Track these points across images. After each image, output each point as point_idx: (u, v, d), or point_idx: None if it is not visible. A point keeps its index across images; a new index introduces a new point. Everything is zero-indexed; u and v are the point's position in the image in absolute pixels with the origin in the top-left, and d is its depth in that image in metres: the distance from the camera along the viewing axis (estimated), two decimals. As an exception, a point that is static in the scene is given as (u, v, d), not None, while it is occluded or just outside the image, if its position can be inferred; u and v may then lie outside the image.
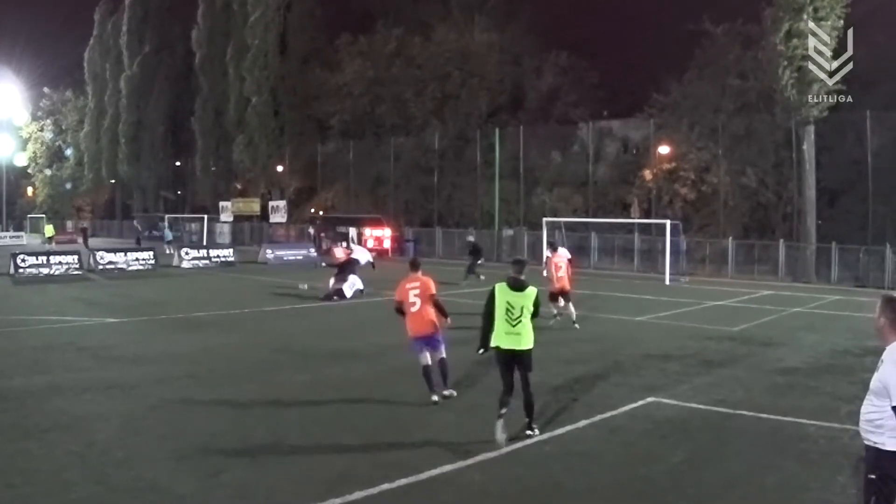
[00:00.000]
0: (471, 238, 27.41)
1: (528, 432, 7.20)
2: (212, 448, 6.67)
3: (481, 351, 7.61)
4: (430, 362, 8.56)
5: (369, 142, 43.10)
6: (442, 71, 40.22)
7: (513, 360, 7.24)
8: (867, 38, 25.19)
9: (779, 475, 6.14)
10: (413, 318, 8.64)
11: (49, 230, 41.18)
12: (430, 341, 8.64)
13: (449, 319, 8.92)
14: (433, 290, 8.76)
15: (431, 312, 8.66)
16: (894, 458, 3.86)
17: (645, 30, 44.47)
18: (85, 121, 62.85)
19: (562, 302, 14.33)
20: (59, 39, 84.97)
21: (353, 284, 18.73)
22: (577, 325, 13.87)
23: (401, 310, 8.80)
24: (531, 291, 7.26)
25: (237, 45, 46.62)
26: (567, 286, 14.35)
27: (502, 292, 7.27)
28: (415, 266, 9.08)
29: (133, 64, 56.79)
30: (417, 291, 8.63)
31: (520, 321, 7.16)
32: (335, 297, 18.32)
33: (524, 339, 7.18)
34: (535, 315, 7.31)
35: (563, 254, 15.38)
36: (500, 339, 7.21)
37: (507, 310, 7.17)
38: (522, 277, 7.38)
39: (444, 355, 8.69)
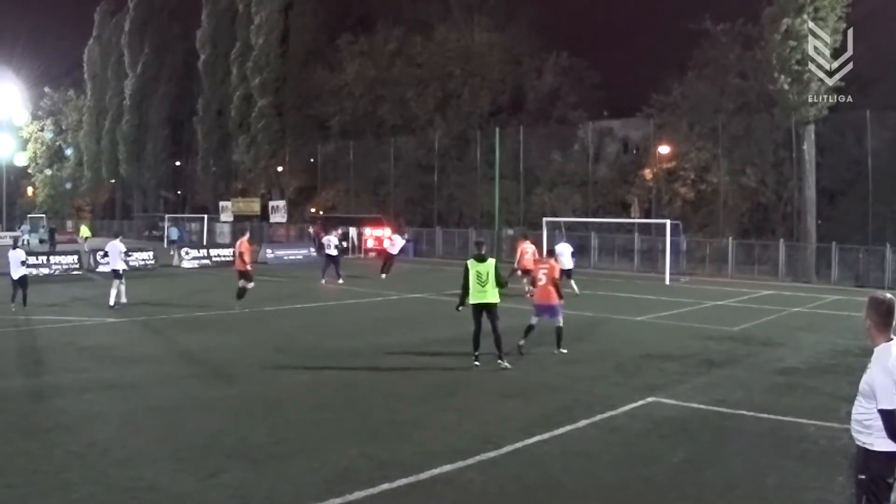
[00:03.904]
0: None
1: (499, 362, 10.06)
2: (212, 448, 6.67)
3: (459, 308, 10.51)
4: (535, 324, 11.21)
5: (370, 141, 43.12)
6: (443, 71, 40.25)
7: (483, 310, 10.16)
8: (867, 38, 25.17)
9: (779, 475, 6.14)
10: (538, 291, 11.42)
11: (85, 231, 40.06)
12: (548, 310, 11.24)
13: (562, 301, 11.54)
14: (557, 275, 11.52)
15: (551, 289, 11.23)
16: (883, 459, 3.88)
17: (645, 30, 44.55)
18: (83, 120, 62.89)
19: None
20: (59, 39, 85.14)
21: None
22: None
23: (533, 283, 11.77)
24: (491, 262, 10.22)
25: (242, 47, 46.66)
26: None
27: (472, 265, 10.21)
28: (551, 254, 12.60)
29: (135, 64, 56.85)
30: (546, 271, 11.36)
31: (487, 282, 10.07)
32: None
33: (490, 295, 10.11)
34: (499, 284, 10.18)
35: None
36: (474, 296, 10.18)
37: (477, 275, 10.12)
38: (483, 253, 10.27)
39: (560, 324, 11.26)
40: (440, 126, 39.98)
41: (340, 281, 22.18)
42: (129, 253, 19.31)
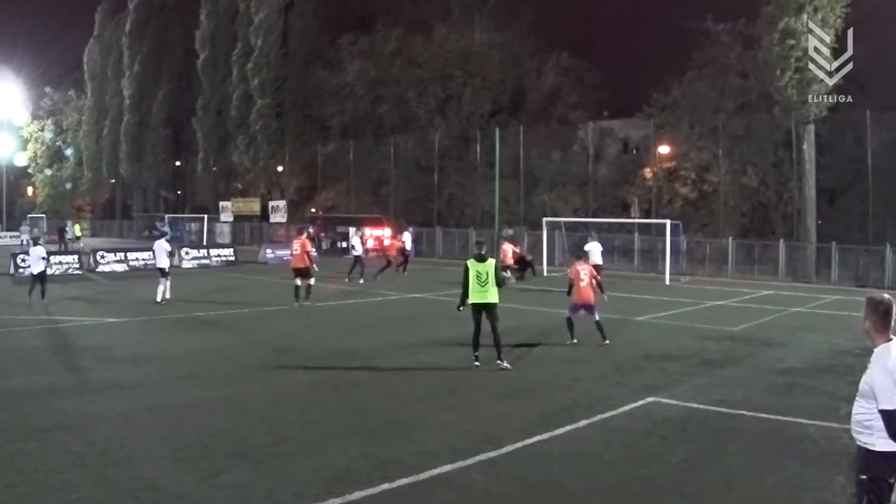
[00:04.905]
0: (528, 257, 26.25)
1: (498, 363, 10.08)
2: (212, 448, 6.67)
3: (460, 308, 10.50)
4: (573, 317, 12.19)
5: (370, 141, 43.12)
6: (443, 71, 40.25)
7: (483, 310, 10.15)
8: (867, 38, 25.17)
9: (779, 475, 6.14)
10: (580, 291, 12.08)
11: (77, 230, 42.37)
12: (588, 308, 12.10)
13: (605, 296, 12.94)
14: (596, 274, 12.56)
15: (592, 288, 12.18)
16: (884, 459, 3.88)
17: (645, 30, 44.58)
18: (83, 120, 62.92)
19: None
20: (59, 39, 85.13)
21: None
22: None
23: (571, 285, 12.26)
24: (491, 262, 10.23)
25: (242, 47, 46.67)
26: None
27: (472, 265, 10.21)
28: (581, 257, 13.25)
29: (134, 64, 56.86)
30: (587, 272, 12.21)
31: (487, 282, 10.08)
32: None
33: (490, 295, 10.11)
34: (499, 284, 10.18)
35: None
36: (473, 296, 10.16)
37: (477, 276, 10.12)
38: (483, 253, 10.28)
39: (598, 318, 12.10)
40: (440, 126, 39.98)
41: (347, 280, 22.49)
42: (172, 253, 19.79)
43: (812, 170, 26.45)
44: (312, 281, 17.39)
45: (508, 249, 23.37)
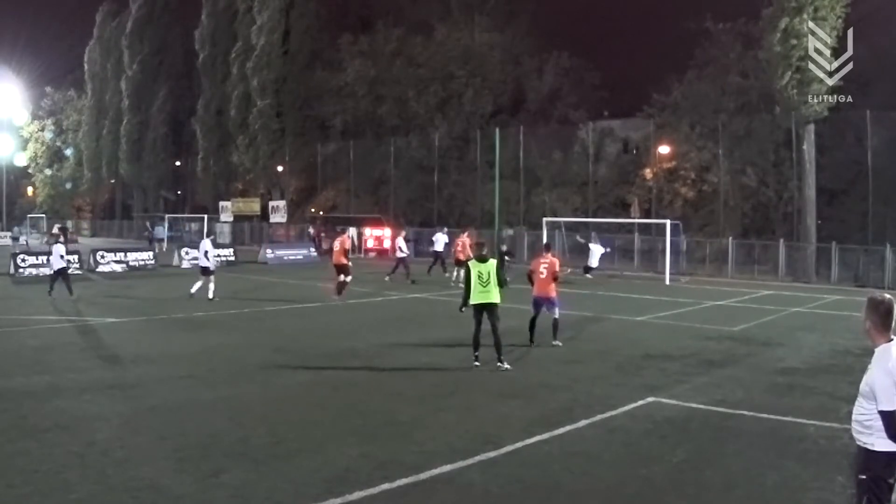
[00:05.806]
0: (504, 247, 27.04)
1: (499, 364, 10.05)
2: (212, 448, 6.66)
3: (462, 309, 10.54)
4: (537, 316, 11.84)
5: (370, 142, 43.14)
6: (443, 71, 40.29)
7: (484, 310, 10.21)
8: (867, 38, 25.18)
9: (779, 475, 6.14)
10: (538, 283, 11.89)
11: None
12: (547, 302, 11.84)
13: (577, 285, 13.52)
14: (557, 269, 12.02)
15: (551, 282, 11.86)
16: (883, 459, 3.89)
17: (645, 30, 44.61)
18: (83, 120, 62.95)
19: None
20: (59, 39, 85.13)
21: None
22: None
23: (531, 277, 12.10)
24: (491, 262, 10.38)
25: (242, 46, 46.68)
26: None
27: (474, 265, 10.35)
28: (547, 248, 12.98)
29: (134, 64, 56.87)
30: (546, 265, 11.85)
31: (489, 283, 10.15)
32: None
33: (492, 295, 10.17)
34: (500, 284, 10.22)
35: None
36: (475, 297, 10.22)
37: (479, 276, 10.19)
38: (484, 253, 10.44)
39: (557, 316, 11.92)
40: (440, 126, 40.00)
41: (411, 281, 22.81)
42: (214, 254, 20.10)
43: (812, 170, 26.45)
44: (349, 278, 17.84)
45: (467, 241, 22.18)
